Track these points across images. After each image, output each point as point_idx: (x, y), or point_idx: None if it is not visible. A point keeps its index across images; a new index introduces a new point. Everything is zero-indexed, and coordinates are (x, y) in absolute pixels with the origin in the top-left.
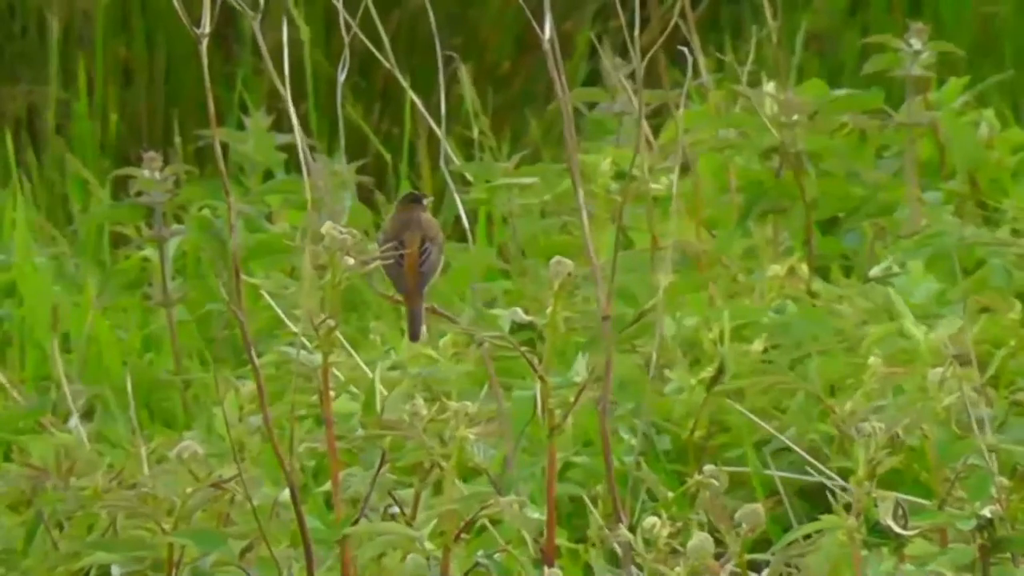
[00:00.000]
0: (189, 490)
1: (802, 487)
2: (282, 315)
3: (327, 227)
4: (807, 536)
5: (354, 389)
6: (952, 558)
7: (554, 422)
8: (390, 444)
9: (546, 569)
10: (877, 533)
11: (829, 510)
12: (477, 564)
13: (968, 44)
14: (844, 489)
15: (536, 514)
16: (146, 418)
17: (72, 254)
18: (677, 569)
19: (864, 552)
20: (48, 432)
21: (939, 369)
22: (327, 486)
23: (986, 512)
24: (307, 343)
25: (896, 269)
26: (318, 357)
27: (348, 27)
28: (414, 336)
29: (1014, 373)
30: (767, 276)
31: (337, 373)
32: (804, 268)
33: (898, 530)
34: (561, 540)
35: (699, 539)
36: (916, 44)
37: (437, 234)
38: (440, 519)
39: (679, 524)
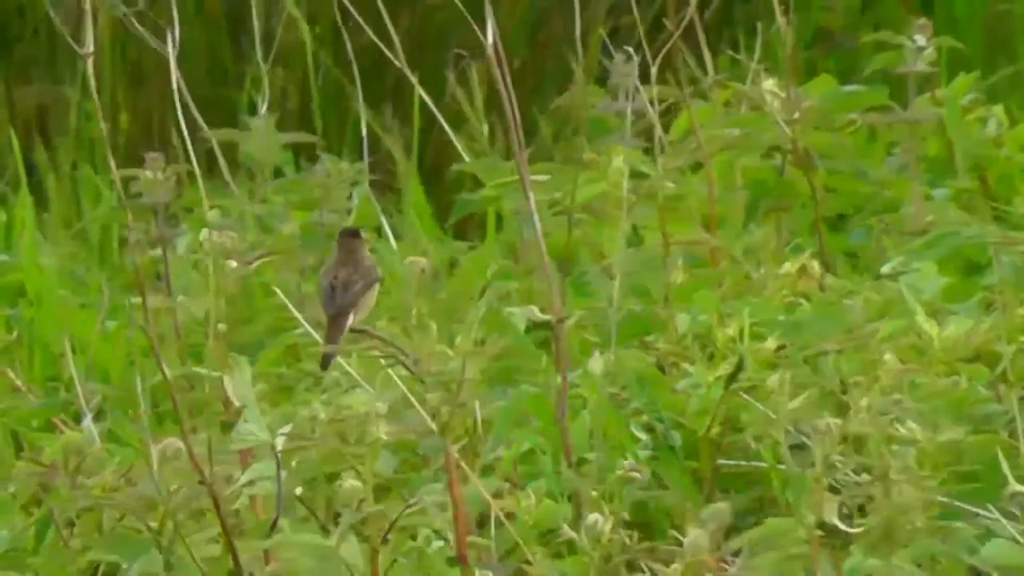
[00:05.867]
0: (173, 488)
1: None
2: (294, 312)
3: (204, 234)
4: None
5: (367, 386)
6: (913, 553)
7: (443, 421)
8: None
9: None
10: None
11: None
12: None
13: (981, 41)
14: (858, 484)
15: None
16: (155, 418)
17: (81, 255)
18: (674, 566)
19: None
20: (60, 431)
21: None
22: None
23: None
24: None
25: (907, 267)
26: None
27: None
28: (323, 365)
29: None
30: (780, 274)
31: (351, 371)
32: (815, 266)
33: (844, 528)
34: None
35: (695, 535)
36: (920, 40)
37: (368, 273)
38: (366, 523)
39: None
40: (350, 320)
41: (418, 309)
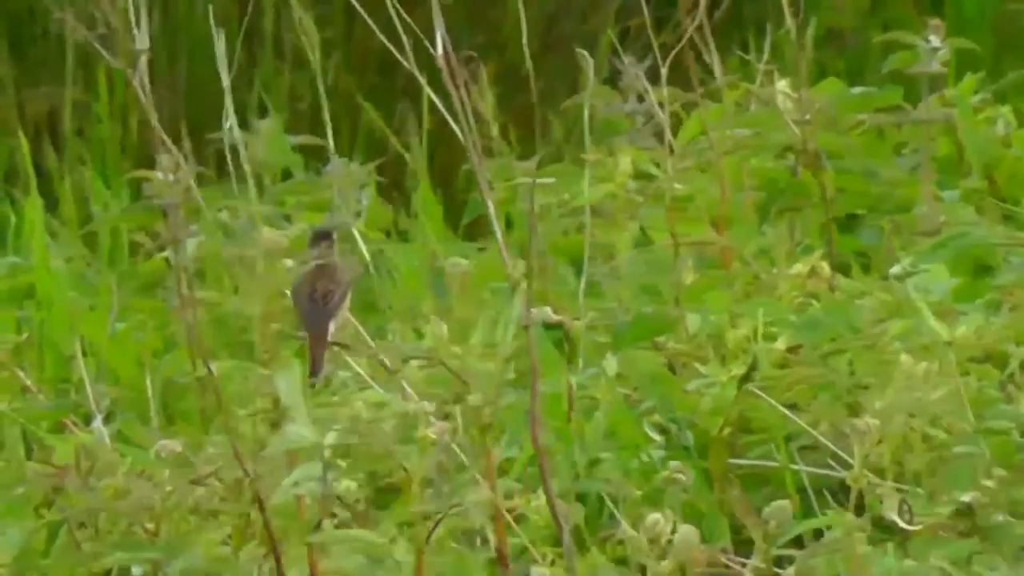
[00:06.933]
0: (169, 489)
1: (828, 484)
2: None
3: (265, 232)
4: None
5: (377, 387)
6: (951, 552)
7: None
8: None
9: (533, 569)
10: (884, 529)
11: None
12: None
13: (991, 41)
14: (871, 484)
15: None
16: (166, 420)
17: (90, 256)
18: (664, 563)
19: (869, 548)
20: (71, 433)
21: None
22: None
23: (967, 499)
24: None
25: (916, 267)
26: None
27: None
28: (312, 375)
29: None
30: (790, 274)
31: (361, 371)
32: (825, 266)
33: (903, 524)
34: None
35: (684, 531)
36: (934, 41)
37: (342, 279)
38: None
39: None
40: (331, 331)
41: (427, 307)
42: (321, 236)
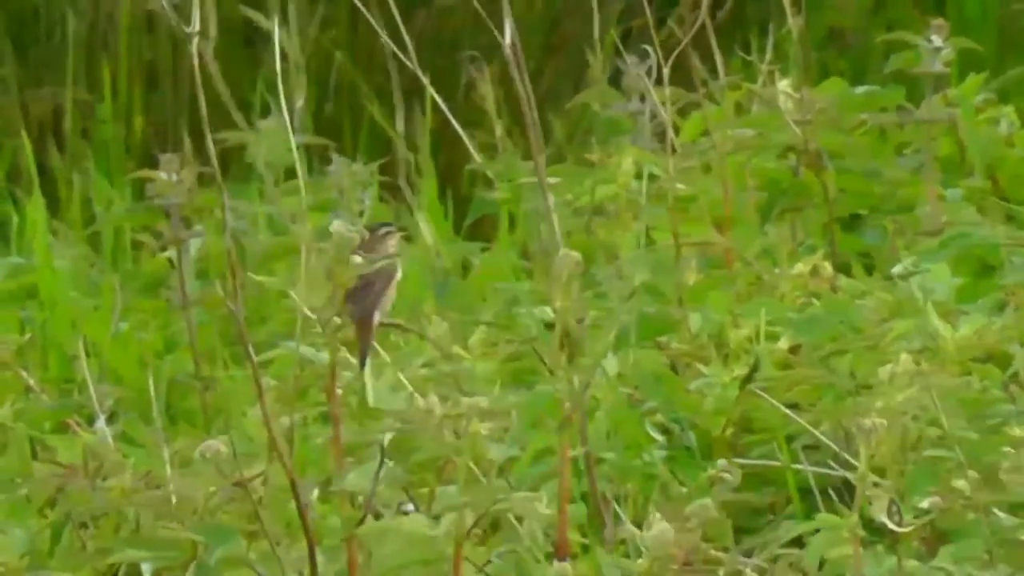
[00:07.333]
0: (212, 489)
1: (830, 484)
2: (308, 313)
3: (336, 226)
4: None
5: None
6: (954, 554)
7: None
8: (400, 441)
9: (555, 563)
10: (874, 531)
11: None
12: (490, 561)
13: (993, 41)
14: (876, 484)
15: (547, 510)
16: (169, 420)
17: (93, 257)
18: (640, 561)
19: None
20: (74, 433)
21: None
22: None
23: (925, 504)
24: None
25: (919, 267)
26: (325, 355)
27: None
28: (360, 365)
29: None
30: (792, 275)
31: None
32: (827, 267)
33: (892, 527)
34: (575, 537)
35: (659, 529)
36: (936, 41)
37: (386, 268)
38: (453, 515)
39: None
40: (376, 319)
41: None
42: (372, 230)
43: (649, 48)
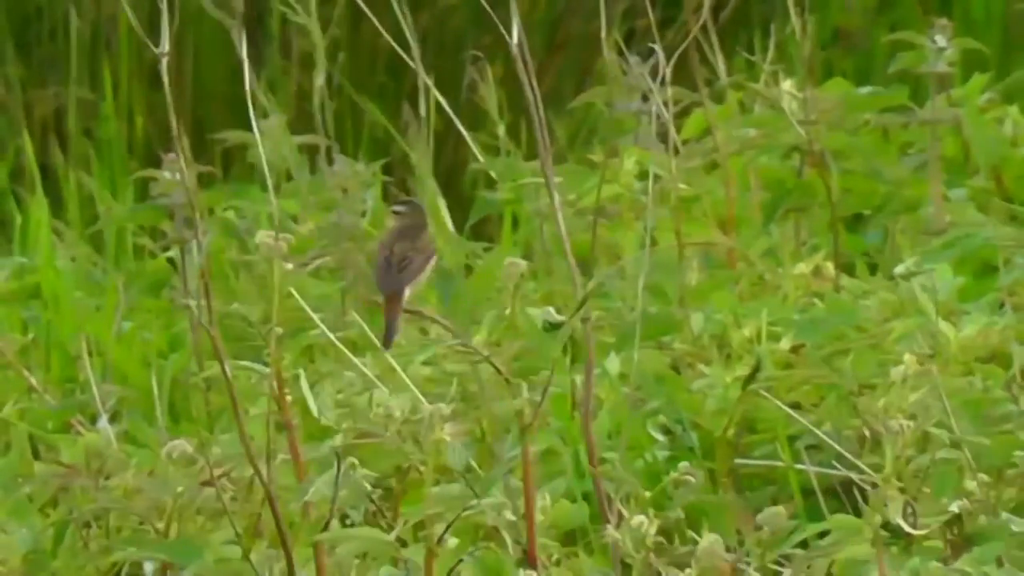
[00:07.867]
0: (180, 489)
1: (831, 484)
2: (310, 313)
3: (261, 235)
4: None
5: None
6: (977, 556)
7: (527, 423)
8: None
9: (522, 571)
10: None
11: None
12: (461, 560)
13: (998, 41)
14: (875, 486)
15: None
16: (171, 419)
17: (96, 256)
18: (688, 571)
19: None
20: (77, 432)
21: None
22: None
23: (954, 507)
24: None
25: (921, 267)
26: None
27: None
28: (386, 344)
29: None
30: (795, 274)
31: (367, 372)
32: (830, 266)
33: (908, 529)
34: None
35: (710, 540)
36: (940, 41)
37: (426, 247)
38: (422, 523)
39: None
40: (406, 296)
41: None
42: (408, 204)
43: (653, 47)
